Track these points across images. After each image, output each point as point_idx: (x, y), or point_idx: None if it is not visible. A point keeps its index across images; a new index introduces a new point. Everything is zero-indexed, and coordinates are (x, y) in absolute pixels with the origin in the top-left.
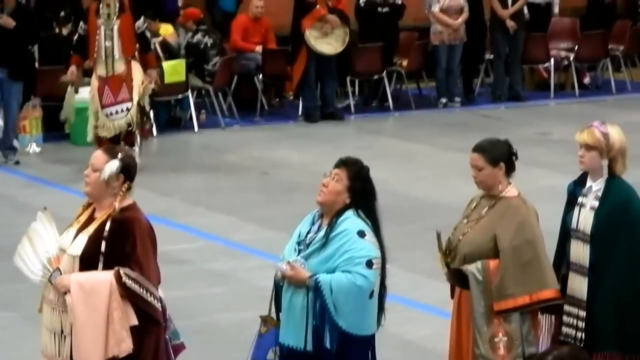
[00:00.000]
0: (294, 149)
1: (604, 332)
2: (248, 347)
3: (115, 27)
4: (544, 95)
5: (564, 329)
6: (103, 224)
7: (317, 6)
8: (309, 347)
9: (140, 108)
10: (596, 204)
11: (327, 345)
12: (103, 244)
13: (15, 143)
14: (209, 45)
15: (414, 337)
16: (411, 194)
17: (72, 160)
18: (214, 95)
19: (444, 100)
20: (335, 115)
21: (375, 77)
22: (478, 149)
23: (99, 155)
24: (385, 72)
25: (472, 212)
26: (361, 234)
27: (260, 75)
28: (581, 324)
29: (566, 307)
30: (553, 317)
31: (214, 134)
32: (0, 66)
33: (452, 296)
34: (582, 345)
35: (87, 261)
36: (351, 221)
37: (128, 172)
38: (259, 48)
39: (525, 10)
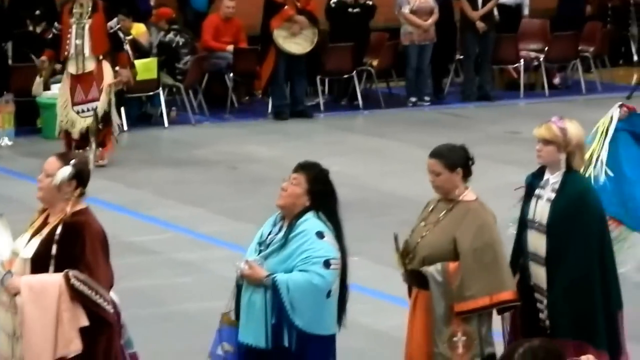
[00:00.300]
0: (263, 144)
1: (560, 319)
2: (214, 334)
3: (87, 26)
4: (514, 95)
5: (541, 315)
6: (55, 227)
7: (286, 7)
8: (268, 346)
9: (104, 114)
10: (553, 195)
11: (286, 343)
12: (54, 247)
13: None
14: (180, 44)
15: (383, 326)
16: (380, 188)
17: (43, 154)
18: (184, 93)
19: (413, 99)
20: (304, 113)
21: (346, 76)
22: (435, 154)
23: (52, 161)
24: (355, 71)
25: (429, 215)
26: (320, 234)
27: (231, 74)
28: (543, 309)
29: (536, 295)
30: (502, 311)
31: (184, 130)
32: None
33: (410, 295)
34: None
35: (38, 264)
36: (310, 222)
37: (81, 177)
38: (230, 47)
39: (496, 12)
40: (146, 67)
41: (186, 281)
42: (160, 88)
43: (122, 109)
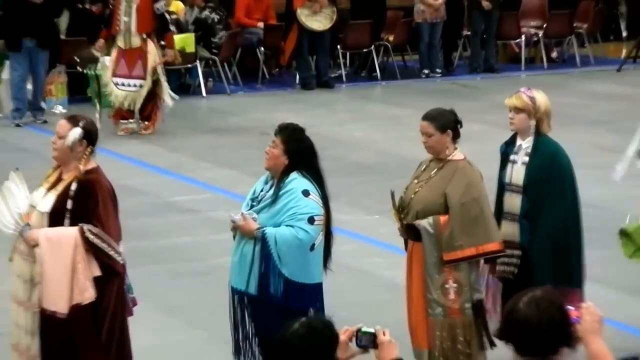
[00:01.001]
0: (291, 112)
1: (541, 269)
2: None
3: (134, 5)
4: (516, 67)
5: (500, 267)
6: (69, 184)
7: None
8: (255, 292)
9: (149, 92)
10: (526, 159)
11: (272, 290)
12: (69, 202)
13: (43, 105)
14: (215, 20)
15: (401, 279)
16: (398, 152)
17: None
18: (220, 65)
19: (426, 71)
20: (327, 84)
21: (365, 50)
22: (427, 117)
23: (62, 123)
24: (373, 46)
25: (422, 174)
26: (305, 193)
27: (262, 48)
28: (515, 261)
29: (508, 250)
30: (488, 260)
31: (220, 99)
32: (30, 37)
33: (406, 249)
34: (515, 277)
35: (55, 217)
36: (297, 181)
37: (90, 137)
38: (260, 24)
39: None
40: (184, 42)
41: (224, 238)
42: (198, 61)
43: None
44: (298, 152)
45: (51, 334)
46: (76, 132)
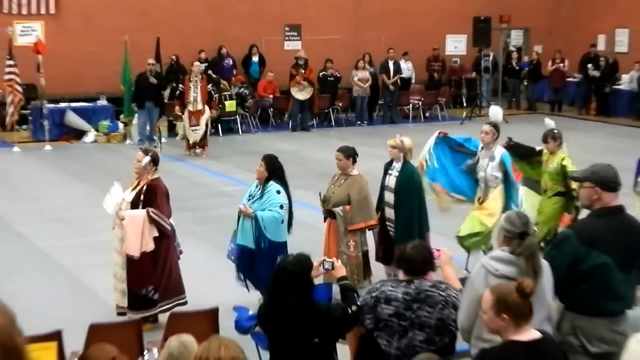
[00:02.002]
0: (286, 143)
1: (400, 234)
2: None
3: (198, 88)
4: (406, 121)
5: (391, 232)
6: (142, 187)
7: (297, 76)
8: (253, 245)
9: (204, 133)
10: (397, 173)
11: (262, 246)
12: (142, 196)
13: (154, 137)
14: (247, 93)
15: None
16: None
17: (180, 147)
18: (249, 118)
19: (359, 122)
20: (307, 129)
21: (326, 110)
22: (340, 150)
23: (140, 153)
24: (330, 108)
25: (335, 181)
26: (278, 192)
27: (272, 109)
28: (392, 230)
29: (387, 223)
30: (371, 230)
31: (248, 136)
32: (149, 100)
33: (325, 220)
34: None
35: (134, 204)
36: (273, 186)
37: (155, 161)
38: (270, 96)
39: (398, 80)
40: (231, 105)
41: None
42: (237, 115)
43: (219, 126)
44: (273, 170)
45: (130, 267)
46: (147, 159)
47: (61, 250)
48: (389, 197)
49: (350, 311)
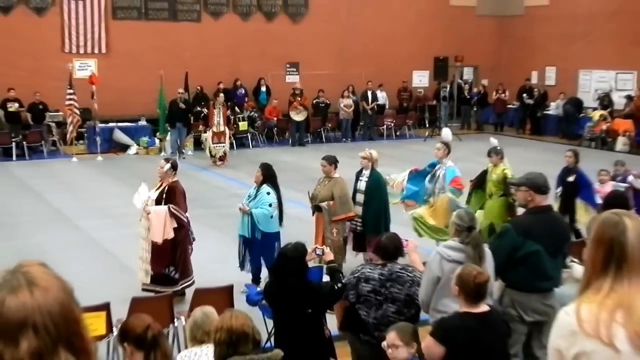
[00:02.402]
0: (287, 155)
1: (370, 227)
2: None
3: (221, 114)
4: (382, 139)
5: (355, 225)
6: (165, 188)
7: (295, 102)
8: (249, 235)
9: (224, 150)
10: (367, 179)
11: (256, 235)
12: (164, 195)
13: (183, 151)
14: (256, 116)
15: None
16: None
17: (204, 159)
18: (258, 135)
19: (344, 139)
20: (303, 144)
21: (319, 129)
22: (324, 158)
23: (162, 162)
24: (322, 128)
25: (321, 182)
26: (268, 193)
27: (275, 128)
28: (360, 223)
29: (356, 218)
30: (349, 222)
31: (257, 150)
32: (179, 122)
33: (313, 214)
34: (360, 230)
35: (158, 201)
36: (265, 188)
37: (174, 167)
38: (275, 118)
39: (375, 106)
40: (243, 126)
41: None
42: (248, 133)
43: (234, 141)
44: (267, 176)
45: (154, 251)
46: (168, 166)
47: (109, 239)
48: (360, 198)
49: (336, 288)
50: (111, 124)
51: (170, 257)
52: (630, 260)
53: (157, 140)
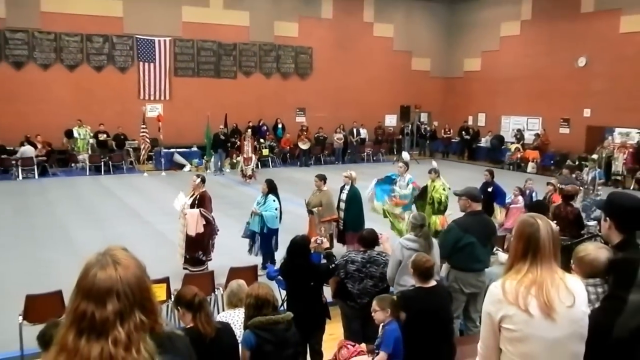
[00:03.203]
0: (297, 173)
1: (349, 226)
2: None
3: (249, 143)
4: (363, 162)
5: (338, 225)
6: (197, 195)
7: (302, 136)
8: (259, 231)
9: (253, 169)
10: (347, 192)
11: (264, 230)
12: (196, 202)
13: (222, 169)
14: (274, 146)
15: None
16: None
17: (237, 175)
18: (276, 159)
19: (337, 162)
20: (307, 165)
21: (319, 155)
22: (317, 176)
23: (194, 177)
24: (321, 154)
25: (314, 193)
26: (273, 200)
27: (288, 154)
28: (343, 224)
29: (340, 220)
30: (334, 223)
31: (277, 169)
32: (220, 148)
33: (308, 216)
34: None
35: (191, 206)
36: (270, 197)
37: (203, 181)
38: (288, 147)
39: (359, 139)
40: (265, 152)
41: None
42: (269, 157)
43: (259, 164)
44: (271, 188)
45: (188, 242)
46: (198, 180)
47: (169, 231)
48: (342, 205)
49: (331, 268)
50: (172, 149)
51: (200, 245)
52: (542, 251)
53: (204, 162)
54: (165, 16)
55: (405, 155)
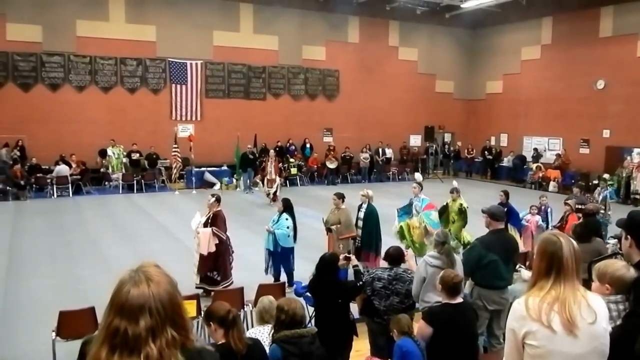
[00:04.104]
0: (324, 192)
1: (365, 243)
2: None
3: (272, 164)
4: (389, 181)
5: (356, 242)
6: (211, 215)
7: (329, 155)
8: (272, 249)
9: (275, 190)
10: (364, 209)
11: (278, 249)
12: (209, 220)
13: (251, 188)
14: (302, 165)
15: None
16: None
17: (262, 192)
18: (304, 177)
19: (363, 181)
20: (335, 184)
21: (345, 174)
22: (336, 194)
23: (210, 197)
24: (348, 173)
25: (332, 211)
26: (286, 219)
27: (316, 172)
28: (359, 242)
29: (357, 238)
30: (352, 240)
31: (306, 187)
32: (249, 167)
33: (327, 234)
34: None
35: (205, 225)
36: (284, 215)
37: (219, 201)
38: (315, 166)
39: (384, 158)
40: (294, 170)
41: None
42: (297, 176)
43: (287, 182)
44: (286, 207)
45: (201, 260)
46: (213, 199)
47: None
48: (360, 223)
49: (358, 284)
50: (202, 168)
51: (212, 265)
52: (564, 268)
53: (234, 180)
54: (197, 40)
55: (417, 176)
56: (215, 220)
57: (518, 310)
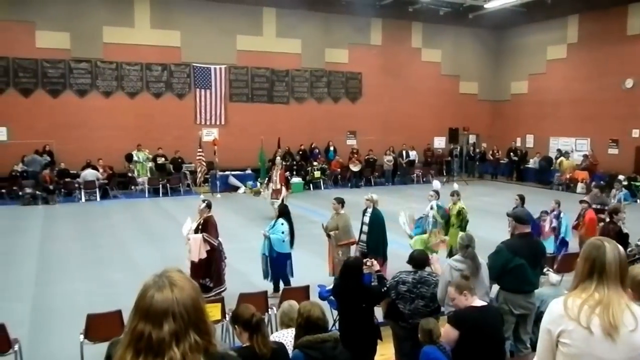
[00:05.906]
0: (347, 195)
1: (371, 249)
2: None
3: (279, 173)
4: (413, 184)
5: (362, 248)
6: (201, 221)
7: (353, 158)
8: (268, 254)
9: (281, 201)
10: (369, 214)
11: (274, 254)
12: (200, 226)
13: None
14: (326, 168)
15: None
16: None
17: (290, 197)
18: (327, 180)
19: (386, 183)
20: (358, 187)
21: (369, 177)
22: (335, 199)
23: (200, 202)
24: (371, 175)
25: (332, 217)
26: (282, 224)
27: (339, 176)
28: (364, 247)
29: (361, 242)
30: (355, 245)
31: (326, 190)
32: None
33: (328, 239)
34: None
35: (196, 231)
36: (279, 220)
37: (209, 206)
38: (339, 169)
39: (408, 161)
40: (317, 174)
41: (300, 226)
42: (320, 179)
43: (311, 185)
44: (282, 212)
45: (192, 267)
46: (204, 205)
47: (225, 251)
48: (365, 228)
49: (382, 289)
50: (227, 172)
51: (205, 271)
52: (607, 273)
53: (258, 184)
54: (221, 45)
55: (436, 183)
56: (206, 226)
57: (555, 310)
